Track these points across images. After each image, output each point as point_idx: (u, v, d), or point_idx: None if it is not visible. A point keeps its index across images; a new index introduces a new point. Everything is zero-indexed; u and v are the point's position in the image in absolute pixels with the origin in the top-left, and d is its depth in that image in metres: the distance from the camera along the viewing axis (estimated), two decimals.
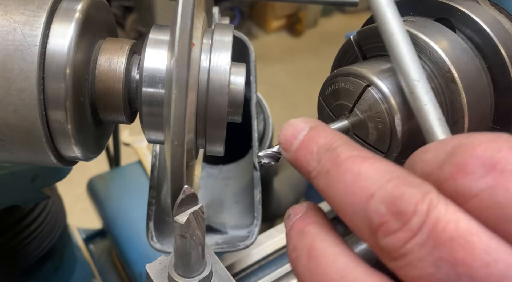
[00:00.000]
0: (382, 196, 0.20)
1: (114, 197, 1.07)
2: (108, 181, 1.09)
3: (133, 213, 1.06)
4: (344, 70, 0.35)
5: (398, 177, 0.21)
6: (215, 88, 0.34)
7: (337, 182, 0.22)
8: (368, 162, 0.22)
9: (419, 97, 0.29)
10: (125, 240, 1.00)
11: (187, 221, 0.29)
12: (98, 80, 0.34)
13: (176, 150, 0.27)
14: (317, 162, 0.24)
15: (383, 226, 0.20)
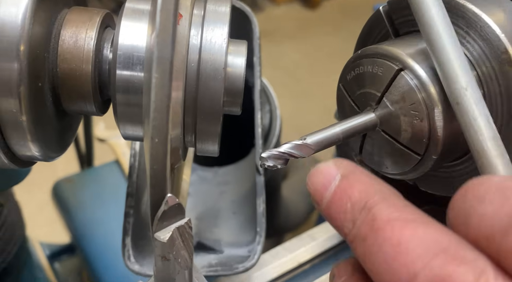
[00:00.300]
0: (427, 276, 0.21)
1: (86, 204, 1.07)
2: (78, 184, 1.09)
3: (109, 225, 1.05)
4: (370, 49, 0.34)
5: (446, 250, 0.21)
6: (208, 72, 0.33)
7: (375, 253, 0.23)
8: (410, 228, 0.22)
9: (467, 109, 0.28)
10: (98, 258, 1.00)
11: (170, 239, 0.28)
12: (61, 60, 0.33)
13: (157, 149, 0.26)
14: (352, 223, 0.25)
15: None
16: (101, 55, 0.35)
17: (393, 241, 0.22)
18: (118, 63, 0.32)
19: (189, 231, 0.29)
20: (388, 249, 0.22)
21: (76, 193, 1.08)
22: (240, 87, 0.36)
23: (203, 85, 0.33)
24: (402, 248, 0.22)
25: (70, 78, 0.34)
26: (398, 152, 0.34)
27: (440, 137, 0.32)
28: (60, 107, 0.36)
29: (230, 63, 0.35)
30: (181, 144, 0.35)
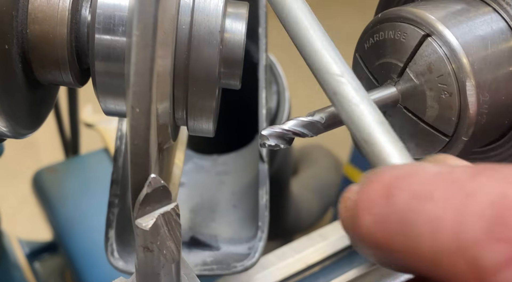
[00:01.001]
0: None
1: (70, 197, 1.06)
2: (62, 174, 1.09)
3: (96, 220, 1.05)
4: (393, 12, 0.33)
5: None
6: (202, 36, 0.32)
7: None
8: None
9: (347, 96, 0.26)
10: (83, 257, 1.00)
11: (153, 226, 0.27)
12: (32, 20, 0.32)
13: (138, 121, 0.25)
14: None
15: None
16: (78, 15, 0.33)
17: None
18: (97, 24, 0.31)
19: (176, 219, 0.28)
20: None
21: (60, 184, 1.08)
22: (240, 56, 0.35)
23: (195, 51, 0.32)
24: None
25: (42, 41, 0.33)
26: (422, 132, 0.32)
27: (472, 115, 0.30)
28: (31, 76, 0.35)
29: (228, 27, 0.34)
30: (170, 120, 0.34)
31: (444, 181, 0.20)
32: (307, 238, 0.68)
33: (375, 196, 0.22)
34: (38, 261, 1.14)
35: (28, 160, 1.79)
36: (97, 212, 1.04)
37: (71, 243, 1.01)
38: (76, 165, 1.11)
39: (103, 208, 1.03)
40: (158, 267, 0.29)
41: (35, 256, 1.15)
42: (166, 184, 0.28)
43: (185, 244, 0.50)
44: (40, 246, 1.15)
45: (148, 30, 0.24)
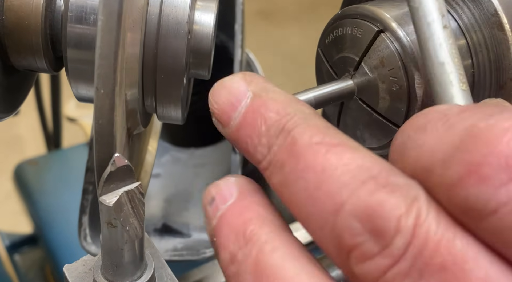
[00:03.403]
0: (354, 206, 0.20)
1: (51, 190, 1.07)
2: (44, 167, 1.10)
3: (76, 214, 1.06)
4: (351, 10, 0.35)
5: (375, 177, 0.21)
6: (170, 27, 0.34)
7: (295, 182, 0.22)
8: (335, 153, 0.22)
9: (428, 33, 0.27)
10: (63, 250, 1.00)
11: (117, 203, 0.29)
12: (8, 7, 0.34)
13: (102, 101, 0.27)
14: (267, 148, 0.24)
15: (357, 249, 0.20)
16: (53, 4, 0.35)
17: (316, 167, 0.21)
18: (69, 12, 0.33)
19: (139, 197, 0.30)
20: (310, 177, 0.21)
21: (41, 176, 1.09)
22: (208, 47, 0.37)
23: (163, 41, 0.34)
24: (326, 175, 0.21)
25: (17, 28, 0.34)
26: (375, 123, 0.35)
27: (420, 106, 0.32)
28: (7, 61, 0.36)
29: (197, 19, 0.36)
30: (139, 106, 0.36)
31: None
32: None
33: None
34: (18, 254, 1.15)
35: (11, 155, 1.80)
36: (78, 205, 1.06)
37: (51, 236, 1.02)
38: (58, 158, 1.12)
39: None
40: (121, 242, 0.30)
41: (15, 248, 1.15)
42: (132, 165, 0.30)
43: (157, 231, 0.52)
44: (20, 238, 1.15)
45: (113, 15, 0.26)
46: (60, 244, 1.01)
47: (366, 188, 0.20)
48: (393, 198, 0.20)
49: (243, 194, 0.25)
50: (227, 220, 0.24)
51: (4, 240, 1.17)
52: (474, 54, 0.34)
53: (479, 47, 0.34)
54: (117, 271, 0.32)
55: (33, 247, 1.16)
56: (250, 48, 0.78)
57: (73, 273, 0.34)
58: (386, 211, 0.20)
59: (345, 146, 0.22)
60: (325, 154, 0.22)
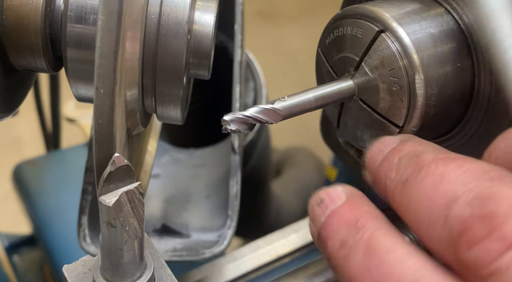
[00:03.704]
0: (468, 197, 0.21)
1: (50, 190, 1.07)
2: (43, 168, 1.09)
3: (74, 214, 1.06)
4: (352, 10, 0.35)
5: (490, 175, 0.22)
6: (170, 26, 0.34)
7: (413, 189, 0.24)
8: (455, 163, 0.23)
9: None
10: (62, 251, 1.00)
11: (116, 203, 0.29)
12: (8, 6, 0.34)
13: (102, 101, 0.27)
14: (396, 172, 0.26)
15: (466, 233, 0.20)
16: (53, 3, 0.35)
17: (436, 173, 0.23)
18: (69, 12, 0.33)
19: (139, 197, 0.30)
20: (428, 181, 0.23)
21: (40, 177, 1.08)
22: (208, 48, 0.37)
23: (163, 41, 0.34)
24: (445, 178, 0.22)
25: (17, 28, 0.34)
26: (376, 123, 0.35)
27: (421, 107, 0.32)
28: (6, 61, 0.36)
29: (197, 19, 0.36)
30: (139, 106, 0.36)
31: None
32: (280, 232, 0.71)
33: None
34: (17, 254, 1.15)
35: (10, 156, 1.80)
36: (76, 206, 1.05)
37: (50, 236, 1.02)
38: (57, 159, 1.12)
39: None
40: (121, 242, 0.30)
41: (14, 249, 1.15)
42: (131, 165, 0.30)
43: (157, 231, 0.52)
44: (19, 239, 1.15)
45: (113, 15, 0.26)
46: (59, 244, 1.01)
47: (482, 184, 0.21)
48: (506, 188, 0.21)
49: (352, 196, 0.27)
50: (338, 214, 0.26)
51: (3, 241, 1.17)
52: (475, 55, 0.34)
53: (480, 48, 0.33)
54: (117, 272, 0.32)
55: (32, 247, 1.16)
56: (250, 49, 0.78)
57: (72, 274, 0.34)
58: (498, 197, 0.20)
59: (467, 159, 0.24)
60: (445, 164, 0.23)
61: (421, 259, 0.23)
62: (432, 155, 0.25)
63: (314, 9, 3.13)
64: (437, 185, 0.22)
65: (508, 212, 0.20)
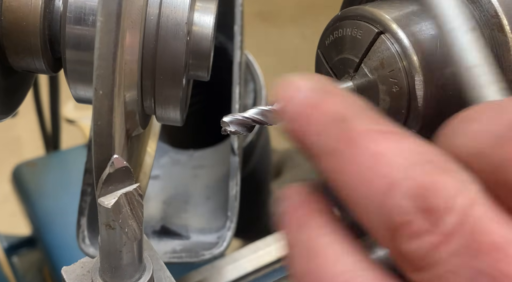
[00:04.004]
0: (407, 186, 0.20)
1: (49, 191, 1.07)
2: (42, 169, 1.10)
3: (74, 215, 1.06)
4: (351, 11, 0.35)
5: (429, 161, 0.21)
6: (169, 28, 0.34)
7: (348, 164, 0.22)
8: (391, 139, 0.22)
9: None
10: (61, 252, 1.00)
11: (115, 205, 0.29)
12: (6, 8, 0.34)
13: (101, 102, 0.27)
14: (321, 136, 0.24)
15: (406, 227, 0.20)
16: (52, 5, 0.35)
17: (370, 150, 0.21)
18: (68, 13, 0.33)
19: (138, 199, 0.30)
20: (363, 160, 0.21)
21: (39, 178, 1.08)
22: (207, 49, 0.37)
23: (162, 42, 0.34)
24: (380, 157, 0.21)
25: (15, 29, 0.34)
26: None
27: (420, 108, 0.32)
28: (5, 62, 0.36)
29: (196, 20, 0.36)
30: (138, 108, 0.36)
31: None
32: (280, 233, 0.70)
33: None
34: (17, 256, 1.15)
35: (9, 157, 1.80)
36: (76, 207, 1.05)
37: (50, 237, 1.02)
38: (56, 160, 1.12)
39: None
40: (120, 244, 0.30)
41: (14, 250, 1.15)
42: (130, 166, 0.30)
43: (156, 233, 0.52)
44: (18, 240, 1.15)
45: (112, 16, 0.26)
46: (59, 246, 1.01)
47: (420, 169, 0.20)
48: (447, 178, 0.20)
49: (300, 194, 0.26)
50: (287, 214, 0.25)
51: (2, 242, 1.17)
52: None
53: None
54: (116, 273, 0.32)
55: (31, 249, 1.16)
56: (249, 50, 0.78)
57: (71, 275, 0.34)
58: (439, 189, 0.20)
59: (400, 134, 0.22)
60: (379, 140, 0.22)
61: (353, 259, 0.22)
62: (362, 123, 0.23)
63: (313, 10, 3.14)
64: (372, 166, 0.21)
65: (448, 206, 0.20)
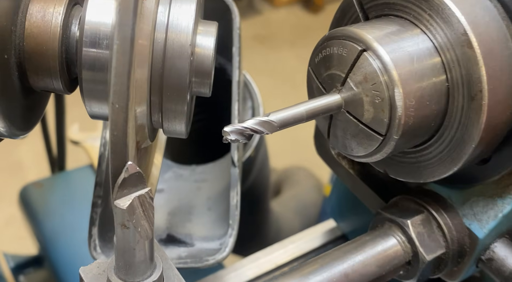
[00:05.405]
0: None
1: (56, 211, 1.09)
2: (49, 189, 1.12)
3: (80, 234, 1.08)
4: (337, 31, 0.39)
5: None
6: (175, 50, 0.37)
7: None
8: None
9: None
10: (68, 271, 1.02)
11: (130, 206, 0.32)
12: (28, 34, 0.38)
13: (117, 115, 0.30)
14: None
15: None
16: (68, 31, 0.39)
17: None
18: (84, 37, 0.36)
19: (149, 201, 0.33)
20: None
21: (46, 198, 1.11)
22: (209, 68, 0.40)
23: (169, 63, 0.37)
24: None
25: (36, 53, 0.38)
26: (362, 133, 0.38)
27: (400, 117, 0.36)
28: (26, 83, 0.40)
29: (198, 43, 0.40)
30: (147, 122, 0.39)
31: None
32: (279, 244, 0.74)
33: None
34: (23, 275, 1.16)
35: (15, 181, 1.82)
36: (82, 225, 1.07)
37: (56, 256, 1.04)
38: (62, 180, 1.15)
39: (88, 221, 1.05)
40: (133, 242, 0.33)
41: (20, 269, 1.17)
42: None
43: (162, 241, 0.55)
44: (25, 259, 1.17)
45: (127, 40, 0.29)
46: (65, 263, 1.03)
47: None
48: None
49: None
50: None
51: (9, 262, 1.19)
52: (448, 70, 0.37)
53: (452, 63, 0.37)
54: (130, 270, 0.35)
55: (38, 268, 1.17)
56: (247, 71, 0.82)
57: (89, 275, 0.37)
58: None
59: None
60: None
61: None
62: None
63: (308, 33, 3.20)
64: None
65: None
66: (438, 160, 0.40)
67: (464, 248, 0.44)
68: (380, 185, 0.50)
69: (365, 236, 0.44)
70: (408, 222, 0.43)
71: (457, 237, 0.44)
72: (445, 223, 0.44)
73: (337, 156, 0.54)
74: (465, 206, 0.44)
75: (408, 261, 0.43)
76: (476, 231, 0.43)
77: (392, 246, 0.43)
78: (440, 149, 0.39)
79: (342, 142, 0.40)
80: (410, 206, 0.45)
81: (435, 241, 0.43)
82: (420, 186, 0.47)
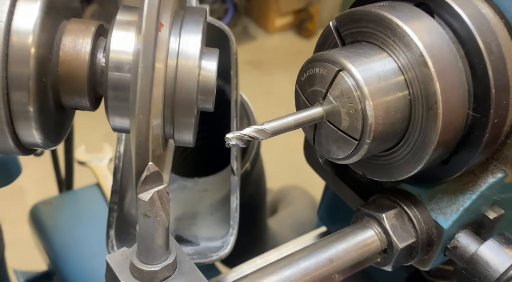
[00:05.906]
0: None
1: (64, 228, 1.15)
2: (57, 207, 1.19)
3: (89, 249, 1.13)
4: (318, 55, 0.47)
5: None
6: (184, 72, 0.45)
7: None
8: None
9: None
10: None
11: (151, 199, 0.39)
12: (62, 61, 0.45)
13: (141, 124, 0.38)
14: None
15: None
16: (95, 58, 0.46)
17: None
18: (110, 63, 0.44)
19: (166, 196, 0.41)
20: None
21: (54, 215, 1.17)
22: (212, 87, 0.48)
23: (179, 84, 0.45)
24: None
25: (68, 77, 0.46)
26: (340, 138, 0.46)
27: (371, 124, 0.43)
28: (59, 102, 0.47)
29: (203, 66, 0.47)
30: (161, 132, 0.47)
31: None
32: (276, 250, 0.81)
33: None
34: None
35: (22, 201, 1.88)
36: (90, 242, 1.13)
37: (66, 272, 1.09)
38: (70, 198, 1.22)
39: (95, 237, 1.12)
40: (153, 230, 0.41)
41: None
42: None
43: None
44: (35, 275, 1.22)
45: (149, 64, 0.37)
46: (74, 277, 1.08)
47: None
48: None
49: None
50: None
51: (19, 278, 1.24)
52: (410, 86, 0.45)
53: (413, 80, 0.45)
54: (149, 254, 0.42)
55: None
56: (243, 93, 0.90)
57: (114, 260, 0.44)
58: None
59: None
60: None
61: None
62: None
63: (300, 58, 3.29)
64: None
65: None
66: (405, 161, 0.47)
67: (432, 238, 0.51)
68: (360, 186, 0.58)
69: (347, 228, 0.51)
70: (383, 216, 0.51)
71: (426, 228, 0.51)
72: (415, 216, 0.51)
73: (324, 163, 0.61)
74: (432, 201, 0.51)
75: (384, 249, 0.51)
76: (442, 222, 0.51)
77: (370, 237, 0.50)
78: (406, 151, 0.47)
79: (325, 147, 0.48)
80: (385, 202, 0.53)
81: (406, 231, 0.51)
82: (393, 186, 0.54)
